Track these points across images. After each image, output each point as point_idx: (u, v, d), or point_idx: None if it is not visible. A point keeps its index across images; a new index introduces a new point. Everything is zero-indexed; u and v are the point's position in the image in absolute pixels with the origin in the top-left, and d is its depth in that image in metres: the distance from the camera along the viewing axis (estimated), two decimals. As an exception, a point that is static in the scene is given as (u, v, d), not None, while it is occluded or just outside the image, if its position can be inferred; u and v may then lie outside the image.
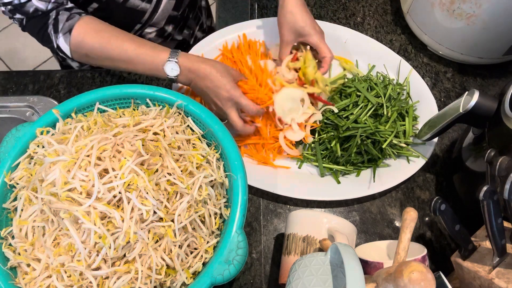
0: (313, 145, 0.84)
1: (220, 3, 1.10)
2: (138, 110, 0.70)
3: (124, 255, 0.56)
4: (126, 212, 0.55)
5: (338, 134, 0.81)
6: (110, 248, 0.54)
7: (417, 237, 0.79)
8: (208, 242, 0.62)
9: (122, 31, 0.76)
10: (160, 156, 0.60)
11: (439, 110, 0.80)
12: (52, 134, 0.65)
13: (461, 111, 0.69)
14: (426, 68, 0.98)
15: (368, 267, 0.64)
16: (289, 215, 0.73)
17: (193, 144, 0.67)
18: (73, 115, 0.68)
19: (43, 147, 0.63)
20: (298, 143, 0.85)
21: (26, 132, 0.66)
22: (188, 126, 0.69)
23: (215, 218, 0.64)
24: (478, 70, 0.97)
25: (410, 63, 0.93)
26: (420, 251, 0.66)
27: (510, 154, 0.59)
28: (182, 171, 0.61)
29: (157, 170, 0.59)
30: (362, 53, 0.95)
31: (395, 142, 0.81)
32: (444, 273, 0.61)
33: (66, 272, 0.56)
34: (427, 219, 0.81)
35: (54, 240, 0.58)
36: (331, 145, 0.82)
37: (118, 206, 0.56)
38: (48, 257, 0.57)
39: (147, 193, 0.56)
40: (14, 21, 0.75)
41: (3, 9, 0.73)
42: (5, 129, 0.85)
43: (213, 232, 0.64)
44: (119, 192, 0.55)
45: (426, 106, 0.87)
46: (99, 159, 0.58)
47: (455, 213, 0.60)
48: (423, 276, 0.45)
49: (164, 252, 0.58)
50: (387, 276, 0.49)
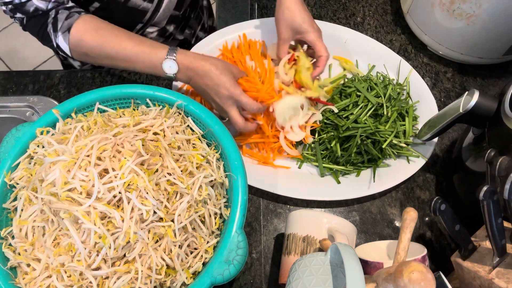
0: (313, 145, 0.84)
1: (220, 3, 1.10)
2: (138, 110, 0.70)
3: (124, 255, 0.56)
4: (126, 212, 0.55)
5: (338, 134, 0.81)
6: (110, 248, 0.54)
7: (417, 237, 0.79)
8: (208, 242, 0.62)
9: (121, 29, 0.75)
10: (160, 156, 0.60)
11: (439, 110, 0.80)
12: (52, 134, 0.65)
13: (461, 111, 0.69)
14: (426, 68, 0.98)
15: (368, 267, 0.64)
16: (289, 215, 0.72)
17: (193, 144, 0.67)
18: (73, 115, 0.68)
19: (43, 147, 0.63)
20: (298, 143, 0.85)
21: (26, 132, 0.66)
22: (188, 126, 0.69)
23: (215, 218, 0.63)
24: (478, 70, 0.97)
25: (410, 63, 0.93)
26: (420, 251, 0.66)
27: (510, 154, 0.59)
28: (182, 171, 0.61)
29: (157, 170, 0.59)
30: (362, 53, 0.94)
31: (395, 142, 0.81)
32: (444, 273, 0.61)
33: (66, 272, 0.56)
34: (427, 219, 0.81)
35: (54, 240, 0.58)
36: (331, 145, 0.82)
37: (118, 206, 0.56)
38: (48, 257, 0.57)
39: (147, 193, 0.56)
40: (15, 20, 0.75)
41: (4, 8, 0.73)
42: (5, 129, 0.85)
43: (213, 232, 0.64)
44: (119, 192, 0.55)
45: (426, 106, 0.87)
46: (99, 159, 0.58)
47: (455, 213, 0.60)
48: (423, 276, 0.45)
49: (164, 252, 0.58)
50: (387, 276, 0.49)
